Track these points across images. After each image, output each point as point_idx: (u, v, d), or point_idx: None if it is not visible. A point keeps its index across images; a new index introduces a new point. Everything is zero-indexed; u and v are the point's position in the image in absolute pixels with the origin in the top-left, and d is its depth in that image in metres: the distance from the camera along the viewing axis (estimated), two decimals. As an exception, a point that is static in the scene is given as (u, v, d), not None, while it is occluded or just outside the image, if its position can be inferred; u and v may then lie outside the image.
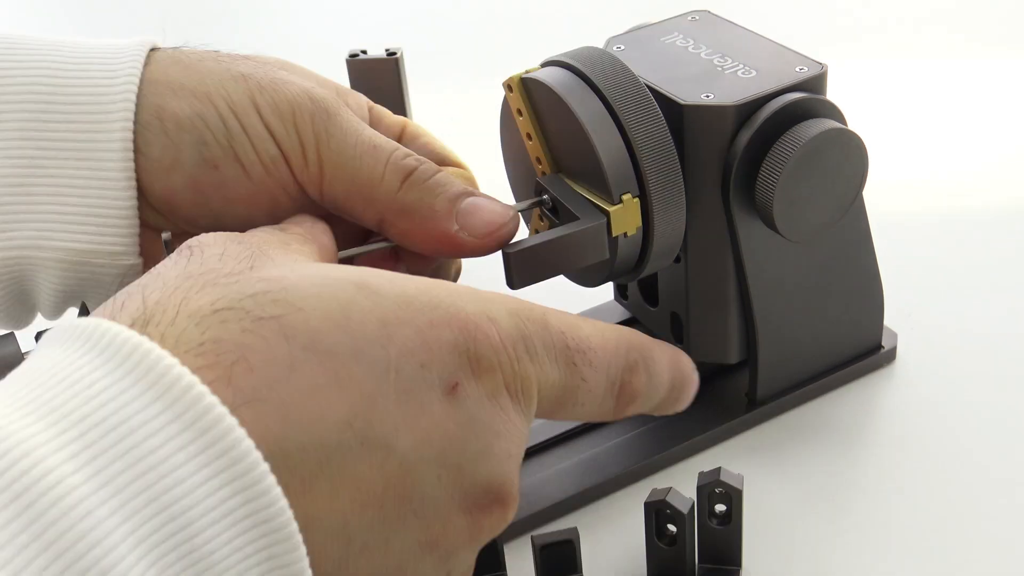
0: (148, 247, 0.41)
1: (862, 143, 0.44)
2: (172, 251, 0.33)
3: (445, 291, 0.32)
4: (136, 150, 0.39)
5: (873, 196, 0.47)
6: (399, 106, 0.57)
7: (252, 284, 0.29)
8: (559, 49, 0.44)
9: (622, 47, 0.47)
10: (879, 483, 0.46)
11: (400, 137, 0.45)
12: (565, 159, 0.44)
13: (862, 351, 0.51)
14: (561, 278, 0.47)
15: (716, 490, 0.40)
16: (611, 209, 0.41)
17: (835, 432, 0.49)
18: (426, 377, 0.30)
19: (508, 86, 0.44)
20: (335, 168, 0.40)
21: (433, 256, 0.42)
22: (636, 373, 0.36)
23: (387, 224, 0.41)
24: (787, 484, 0.46)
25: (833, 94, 0.45)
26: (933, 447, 0.48)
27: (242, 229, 0.39)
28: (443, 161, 0.45)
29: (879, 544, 0.44)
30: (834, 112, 0.44)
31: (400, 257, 0.43)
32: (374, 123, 0.44)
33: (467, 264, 0.47)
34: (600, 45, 0.46)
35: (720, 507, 0.41)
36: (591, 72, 0.42)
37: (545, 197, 0.43)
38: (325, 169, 0.40)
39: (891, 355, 0.52)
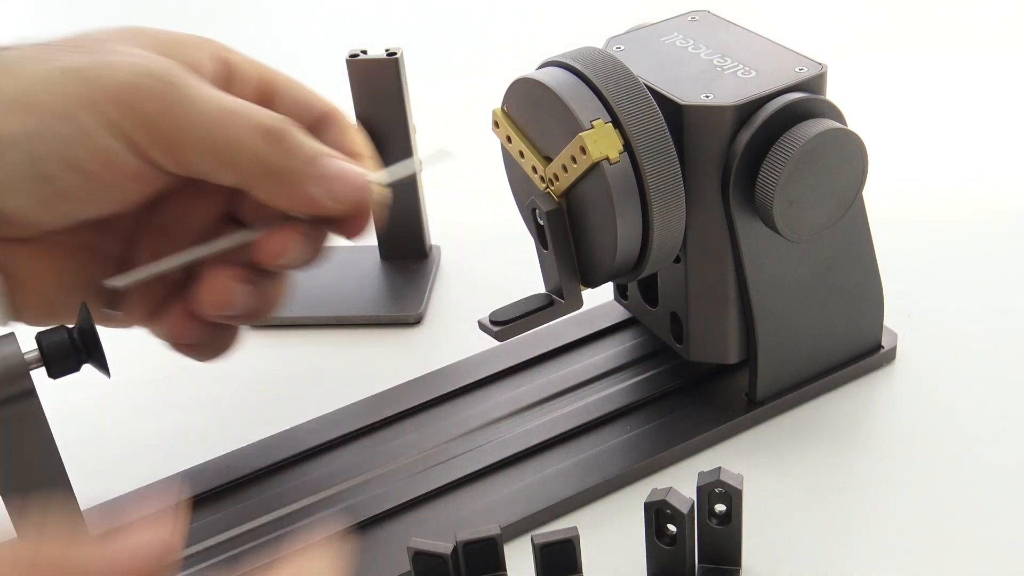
0: (3, 258, 0.40)
1: (862, 143, 0.44)
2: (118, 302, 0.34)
3: None
4: None
5: (873, 196, 0.47)
6: (399, 106, 0.57)
7: None
8: (559, 49, 0.45)
9: (622, 47, 0.47)
10: (879, 483, 0.46)
11: (273, 91, 0.44)
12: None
13: (862, 351, 0.51)
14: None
15: (716, 490, 0.40)
16: (583, 133, 0.41)
17: (835, 432, 0.49)
18: None
19: (495, 122, 0.44)
20: (189, 138, 0.38)
21: (291, 214, 0.42)
22: None
23: (251, 186, 0.40)
24: (787, 484, 0.46)
25: (832, 94, 0.45)
26: (933, 447, 0.48)
27: (96, 218, 0.39)
28: (313, 110, 0.44)
29: (879, 543, 0.44)
30: (834, 112, 0.44)
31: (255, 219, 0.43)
32: (233, 79, 0.43)
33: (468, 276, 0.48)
34: (599, 45, 0.46)
35: (720, 507, 0.41)
36: (591, 72, 0.42)
37: (538, 212, 0.44)
38: (180, 140, 0.38)
39: (891, 355, 0.52)
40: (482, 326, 0.44)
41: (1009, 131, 0.71)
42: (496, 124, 0.45)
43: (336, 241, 0.64)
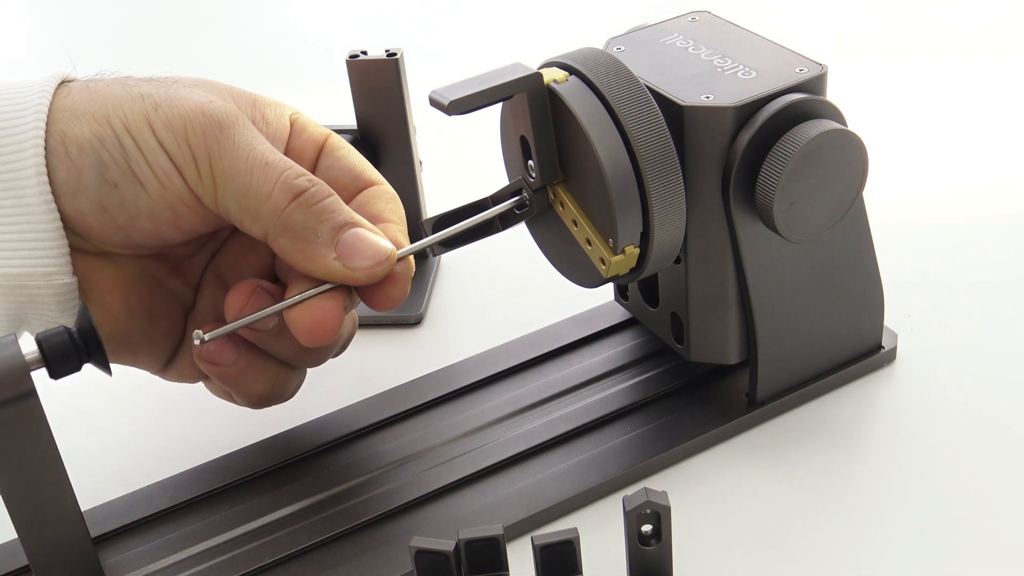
0: (79, 266, 0.43)
1: (862, 144, 0.44)
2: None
3: None
4: (49, 175, 0.41)
5: (873, 197, 0.47)
6: (399, 106, 0.57)
7: None
8: (558, 49, 0.45)
9: (622, 48, 0.47)
10: (879, 483, 0.46)
11: (319, 151, 0.46)
12: (566, 158, 0.44)
13: (862, 351, 0.51)
14: (562, 279, 0.47)
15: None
16: (612, 259, 0.42)
17: (835, 432, 0.49)
18: None
19: (560, 203, 0.44)
20: (226, 180, 0.41)
21: (310, 277, 0.43)
22: None
23: (271, 240, 0.42)
24: (787, 484, 0.46)
25: (831, 95, 0.45)
26: (933, 447, 0.48)
27: (150, 242, 0.42)
28: (359, 179, 0.46)
29: (879, 544, 0.44)
30: (834, 113, 0.44)
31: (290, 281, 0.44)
32: (295, 135, 0.45)
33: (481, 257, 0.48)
34: (599, 46, 0.46)
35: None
36: (591, 73, 0.42)
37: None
38: (217, 181, 0.41)
39: (891, 355, 0.52)
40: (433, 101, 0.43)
41: (1009, 132, 0.71)
42: (561, 205, 0.45)
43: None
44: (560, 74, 0.42)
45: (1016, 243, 0.60)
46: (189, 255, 0.46)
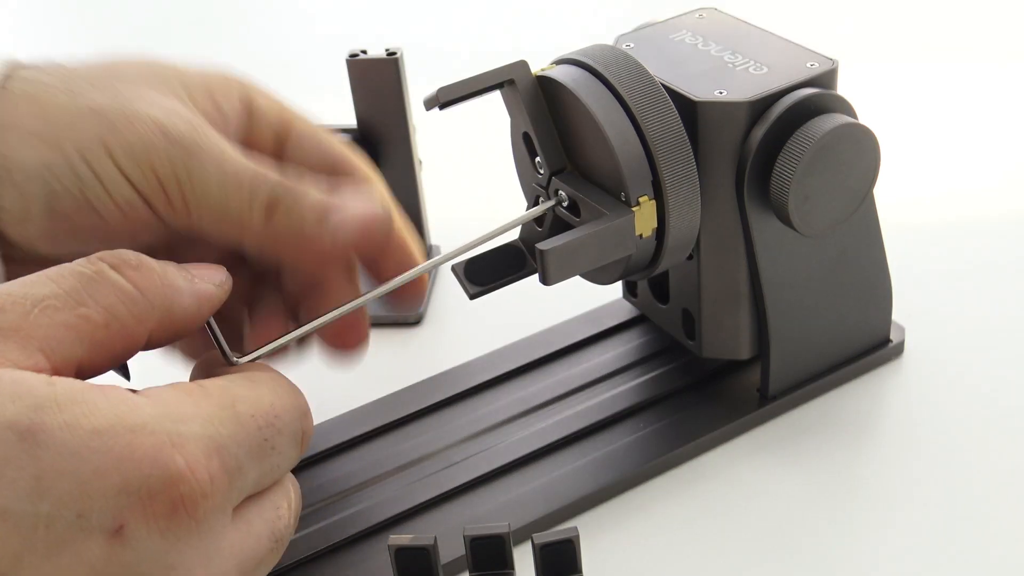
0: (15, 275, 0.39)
1: (875, 137, 0.44)
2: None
3: (130, 423, 0.31)
4: None
5: (880, 192, 0.47)
6: (399, 106, 0.57)
7: None
8: (561, 49, 0.44)
9: (631, 45, 0.47)
10: (890, 478, 0.46)
11: (286, 139, 0.44)
12: (579, 156, 0.43)
13: (871, 345, 0.51)
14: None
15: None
16: (632, 211, 0.41)
17: (846, 427, 0.49)
18: (83, 525, 0.29)
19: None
20: (200, 205, 0.39)
21: (320, 271, 0.42)
22: (307, 418, 0.38)
23: (266, 253, 0.41)
24: (799, 479, 0.47)
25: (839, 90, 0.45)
26: (942, 440, 0.48)
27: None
28: (335, 162, 0.44)
29: (892, 537, 0.44)
30: (846, 107, 0.44)
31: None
32: (254, 122, 0.43)
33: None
34: (602, 43, 0.46)
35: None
36: (606, 70, 0.42)
37: (561, 193, 0.43)
38: (191, 207, 0.39)
39: (899, 349, 0.52)
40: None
41: (1017, 129, 0.71)
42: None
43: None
44: (648, 229, 0.42)
45: (1022, 238, 0.60)
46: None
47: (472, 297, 0.45)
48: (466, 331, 0.57)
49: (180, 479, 0.31)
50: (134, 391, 0.32)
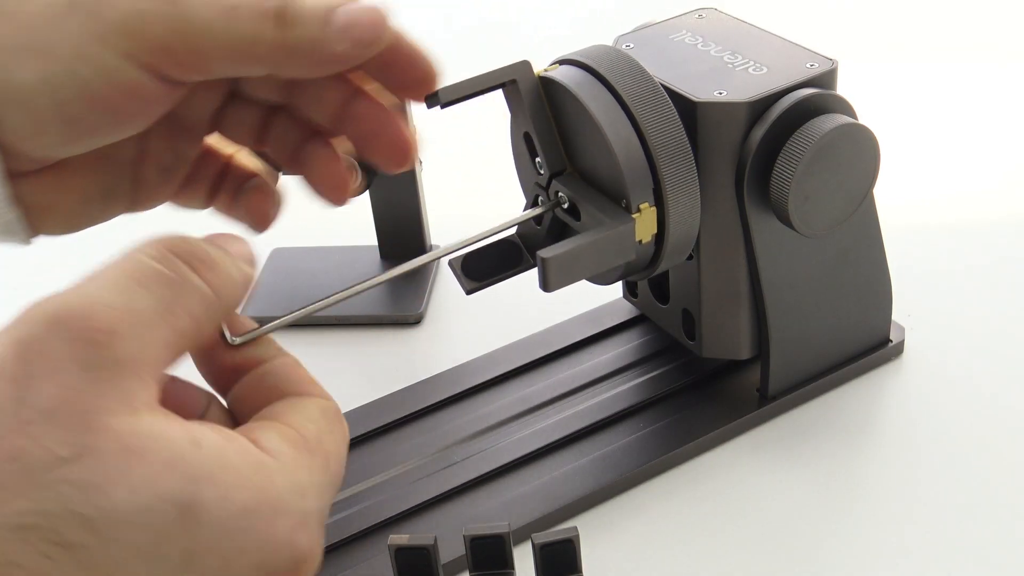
0: (26, 195, 0.39)
1: (874, 137, 0.44)
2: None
3: (272, 501, 0.31)
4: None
5: (880, 193, 0.47)
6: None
7: (69, 495, 0.28)
8: (561, 50, 0.44)
9: (631, 45, 0.47)
10: (890, 477, 0.47)
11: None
12: (579, 158, 0.43)
13: (870, 345, 0.51)
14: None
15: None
16: (633, 217, 0.41)
17: (845, 426, 0.49)
18: None
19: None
20: (205, 49, 0.37)
21: (330, 75, 0.40)
22: None
23: (279, 70, 0.39)
24: (799, 479, 0.47)
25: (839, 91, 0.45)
26: (941, 440, 0.48)
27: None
28: None
29: (892, 537, 0.44)
30: (846, 107, 0.44)
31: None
32: None
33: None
34: (603, 43, 0.46)
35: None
36: (606, 71, 0.42)
37: (561, 195, 0.43)
38: (196, 55, 0.37)
39: (899, 348, 0.52)
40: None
41: (1017, 129, 0.71)
42: None
43: (336, 240, 0.64)
44: (647, 235, 0.42)
45: (1022, 239, 0.60)
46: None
47: (469, 292, 0.45)
48: (466, 331, 0.57)
49: (303, 560, 0.32)
50: (254, 441, 0.32)
